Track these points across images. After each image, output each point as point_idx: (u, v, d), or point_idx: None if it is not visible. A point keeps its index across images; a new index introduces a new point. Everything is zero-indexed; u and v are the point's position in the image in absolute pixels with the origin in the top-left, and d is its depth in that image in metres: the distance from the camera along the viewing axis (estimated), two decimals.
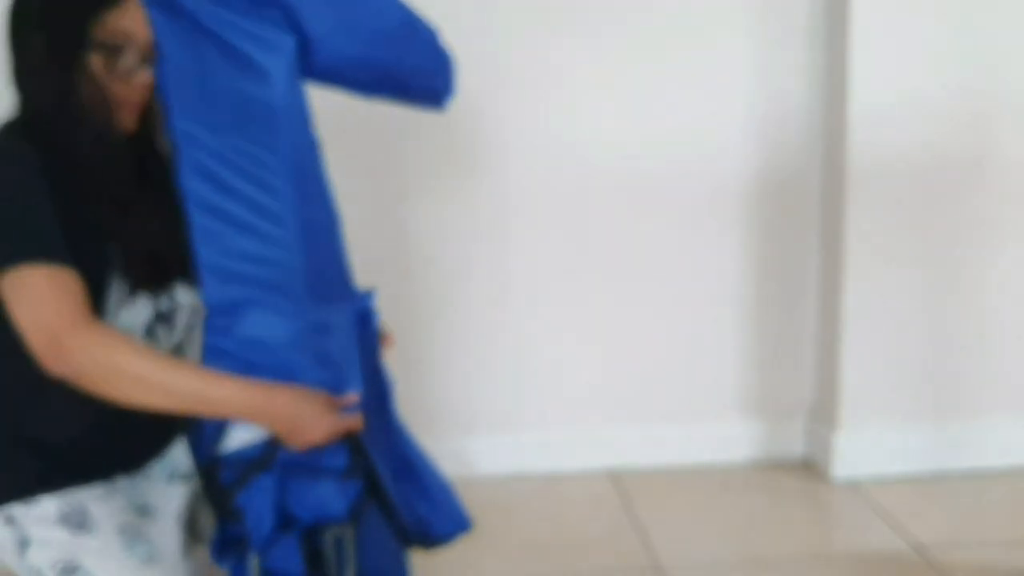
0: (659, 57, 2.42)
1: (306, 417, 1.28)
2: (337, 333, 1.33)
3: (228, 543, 1.31)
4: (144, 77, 1.34)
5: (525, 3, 2.37)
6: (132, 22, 1.32)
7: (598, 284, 2.53)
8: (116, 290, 1.32)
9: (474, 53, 2.38)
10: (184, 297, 1.43)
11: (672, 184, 2.48)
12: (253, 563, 1.27)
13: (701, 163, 2.48)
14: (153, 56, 1.33)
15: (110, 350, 1.24)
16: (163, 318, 1.40)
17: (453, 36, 2.36)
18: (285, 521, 1.30)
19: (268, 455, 1.29)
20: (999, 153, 2.40)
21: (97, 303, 1.29)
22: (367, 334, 1.41)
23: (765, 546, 2.24)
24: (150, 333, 1.38)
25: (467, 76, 2.39)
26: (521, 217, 2.48)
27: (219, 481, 1.29)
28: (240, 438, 1.29)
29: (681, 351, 2.60)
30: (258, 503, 1.28)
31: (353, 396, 1.32)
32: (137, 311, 1.35)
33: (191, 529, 1.52)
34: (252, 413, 1.28)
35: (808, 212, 2.53)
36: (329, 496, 1.30)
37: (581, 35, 2.39)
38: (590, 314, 2.55)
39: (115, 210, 1.31)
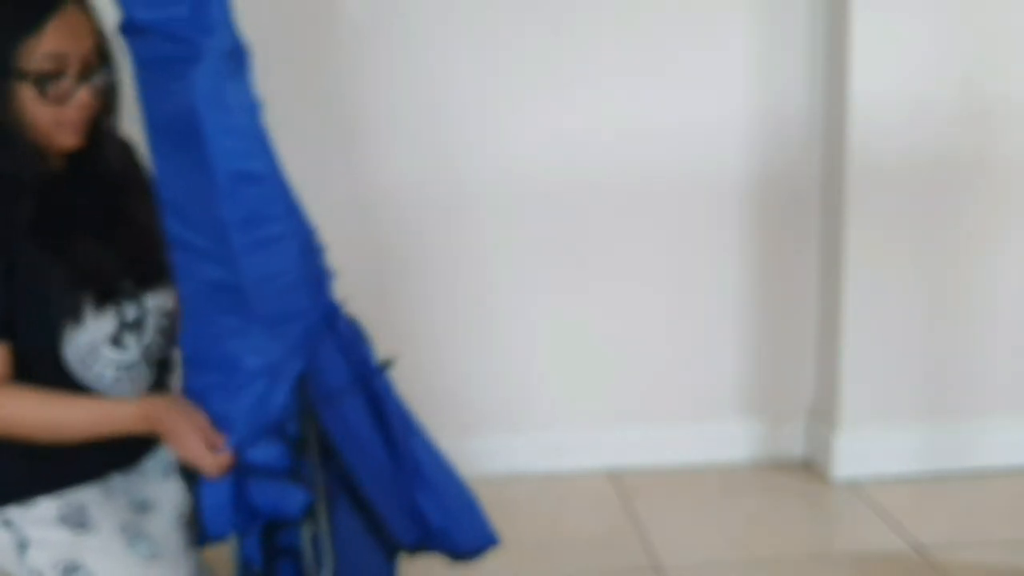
0: (659, 57, 2.42)
1: (178, 430, 1.32)
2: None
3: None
4: (84, 96, 1.31)
5: (525, 3, 2.37)
6: (63, 40, 1.27)
7: (598, 284, 2.53)
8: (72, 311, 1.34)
9: (473, 51, 2.39)
10: (152, 302, 1.45)
11: (672, 184, 2.48)
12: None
13: (701, 163, 2.48)
14: (95, 66, 1.32)
15: (16, 408, 1.32)
16: (131, 326, 1.42)
17: (452, 33, 2.38)
18: (251, 512, 1.33)
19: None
20: (999, 153, 2.40)
21: (58, 330, 1.33)
22: (338, 334, 1.40)
23: (765, 546, 2.24)
24: (116, 342, 1.40)
25: (466, 75, 2.40)
26: (520, 216, 2.48)
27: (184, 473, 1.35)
28: None
29: (681, 351, 2.59)
30: (215, 493, 1.31)
31: (221, 440, 1.31)
32: (100, 325, 1.37)
33: (191, 525, 1.53)
34: (136, 424, 1.35)
35: (808, 212, 2.53)
36: (280, 495, 1.32)
37: (580, 34, 2.39)
38: (590, 314, 2.55)
39: (52, 244, 1.32)
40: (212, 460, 1.29)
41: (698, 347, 2.60)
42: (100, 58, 1.34)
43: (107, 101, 1.38)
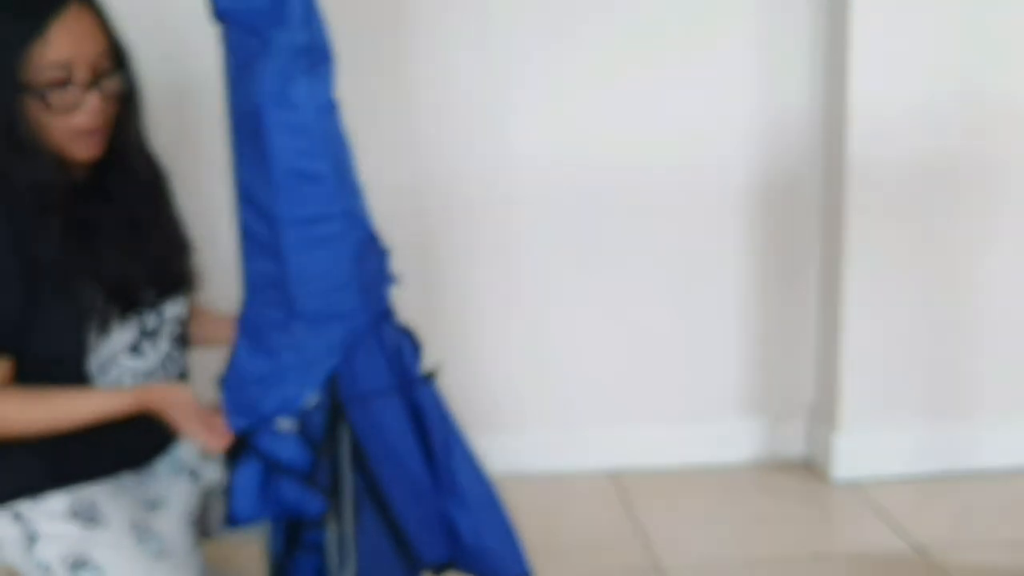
0: (660, 58, 2.42)
1: (172, 413, 1.32)
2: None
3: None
4: (95, 103, 1.26)
5: (526, 4, 2.37)
6: (68, 47, 1.22)
7: (597, 284, 2.53)
8: (97, 323, 1.34)
9: (478, 53, 2.39)
10: (171, 310, 1.45)
11: (672, 185, 2.48)
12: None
13: (701, 164, 2.48)
14: (106, 70, 1.27)
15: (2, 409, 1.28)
16: (150, 334, 1.42)
17: (456, 36, 2.38)
18: (278, 504, 1.33)
19: (247, 438, 1.33)
20: (999, 154, 2.40)
21: (84, 341, 1.32)
22: (382, 338, 1.39)
23: (765, 546, 2.24)
24: (135, 350, 1.40)
25: (470, 77, 2.40)
26: (520, 219, 2.48)
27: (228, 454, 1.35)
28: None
29: (681, 351, 2.60)
30: (244, 479, 1.32)
31: (218, 421, 1.33)
32: (123, 335, 1.38)
33: (200, 525, 1.53)
34: (131, 408, 1.33)
35: (808, 213, 2.53)
36: (301, 494, 1.32)
37: (582, 36, 2.39)
38: (590, 314, 2.55)
39: (80, 255, 1.30)
40: (212, 439, 1.30)
41: (698, 347, 2.60)
42: (113, 61, 1.29)
43: (125, 106, 1.34)
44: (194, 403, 1.33)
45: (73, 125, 1.26)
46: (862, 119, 2.34)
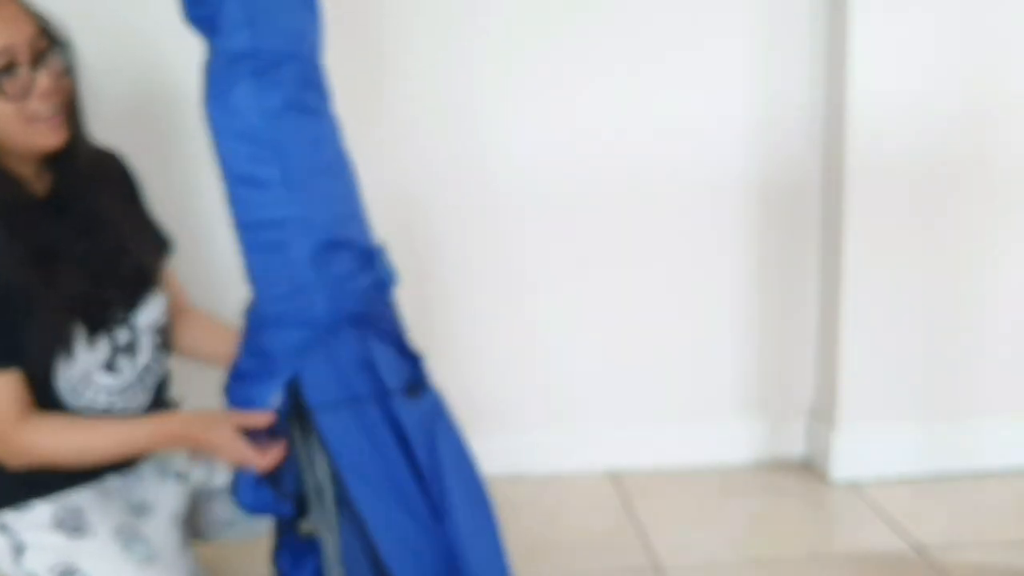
0: (659, 57, 2.42)
1: (214, 443, 1.32)
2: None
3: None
4: (45, 82, 1.27)
5: (526, 4, 2.37)
6: (2, 33, 1.23)
7: (597, 284, 2.53)
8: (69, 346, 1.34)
9: (476, 52, 2.39)
10: (145, 318, 1.43)
11: (672, 185, 2.48)
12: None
13: (701, 164, 2.48)
14: (45, 49, 1.28)
15: (45, 438, 1.31)
16: (124, 350, 1.40)
17: (457, 36, 2.38)
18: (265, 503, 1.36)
19: None
20: (999, 153, 2.40)
21: (49, 363, 1.31)
22: (346, 343, 1.37)
23: (765, 546, 2.24)
24: (110, 367, 1.39)
25: (469, 76, 2.40)
26: (519, 218, 2.48)
27: None
28: None
29: (681, 351, 2.59)
30: (244, 480, 1.34)
31: (263, 418, 1.31)
32: (93, 354, 1.36)
33: (189, 526, 1.53)
34: (171, 443, 1.36)
35: (808, 212, 2.53)
36: (271, 496, 1.35)
37: (581, 35, 2.39)
38: (590, 314, 2.55)
39: (38, 276, 1.29)
40: (260, 459, 1.30)
41: (698, 347, 2.60)
42: (48, 40, 1.30)
43: (73, 84, 1.35)
44: (234, 423, 1.31)
45: (29, 111, 1.27)
46: (862, 118, 2.34)
